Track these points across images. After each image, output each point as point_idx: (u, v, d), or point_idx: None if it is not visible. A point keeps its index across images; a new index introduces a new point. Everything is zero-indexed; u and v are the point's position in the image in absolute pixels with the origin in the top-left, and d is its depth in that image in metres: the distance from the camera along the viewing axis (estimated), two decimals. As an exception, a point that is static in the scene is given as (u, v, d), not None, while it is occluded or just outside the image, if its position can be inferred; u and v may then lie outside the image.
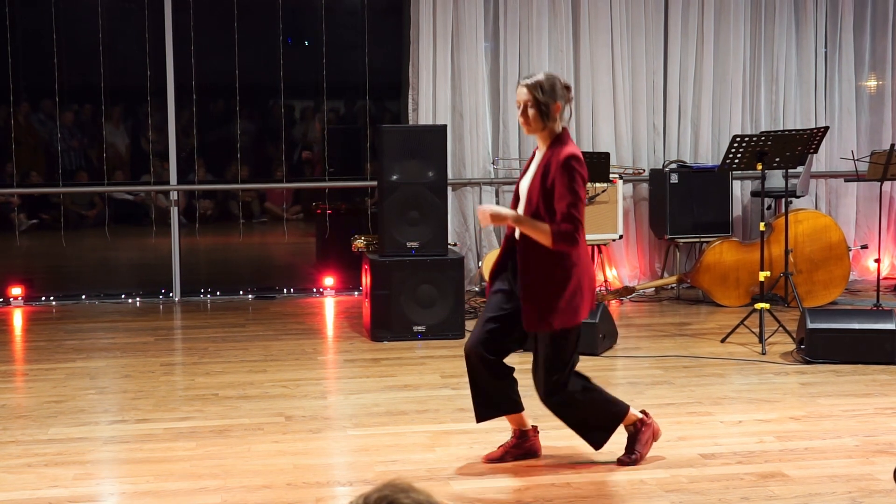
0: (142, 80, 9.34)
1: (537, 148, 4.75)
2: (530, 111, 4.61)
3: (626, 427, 4.86)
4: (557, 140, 4.63)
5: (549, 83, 4.63)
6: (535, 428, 4.98)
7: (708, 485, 4.54)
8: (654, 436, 4.89)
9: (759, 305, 7.11)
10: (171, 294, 9.31)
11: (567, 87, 4.73)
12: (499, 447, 4.94)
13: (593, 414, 4.80)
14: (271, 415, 5.66)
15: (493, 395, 4.85)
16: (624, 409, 4.81)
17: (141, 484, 4.61)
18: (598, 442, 4.81)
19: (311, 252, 10.44)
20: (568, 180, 4.49)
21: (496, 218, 4.65)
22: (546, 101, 4.60)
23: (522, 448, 4.91)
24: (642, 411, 4.91)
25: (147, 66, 9.29)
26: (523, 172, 4.79)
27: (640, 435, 4.83)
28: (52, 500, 4.43)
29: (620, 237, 9.08)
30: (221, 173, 10.67)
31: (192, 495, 4.47)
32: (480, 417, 4.89)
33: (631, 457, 4.81)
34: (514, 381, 4.90)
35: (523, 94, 4.63)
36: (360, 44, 9.56)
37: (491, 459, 4.87)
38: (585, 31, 9.32)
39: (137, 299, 9.24)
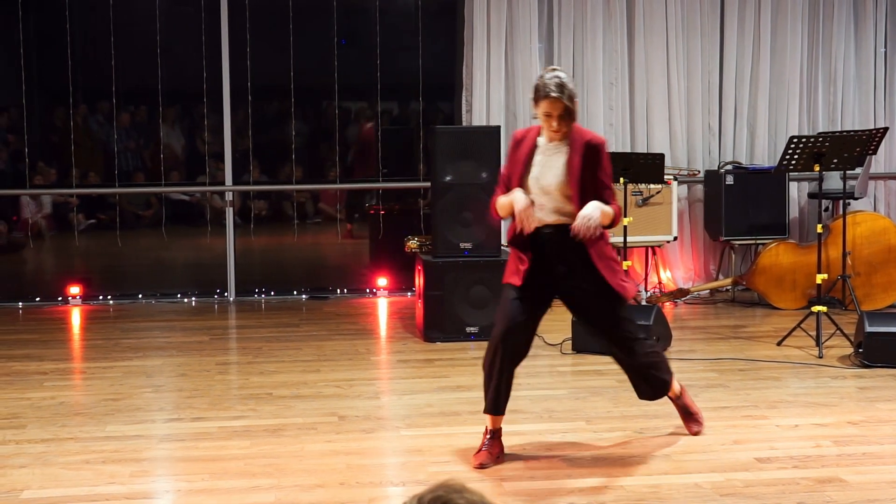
0: (198, 81, 9.43)
1: (526, 140, 4.87)
2: (564, 121, 4.74)
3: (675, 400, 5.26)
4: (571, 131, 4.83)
5: (571, 87, 4.74)
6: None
7: (763, 489, 4.50)
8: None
9: (816, 308, 7.03)
10: (225, 294, 9.39)
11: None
12: (483, 451, 4.89)
13: (660, 366, 5.09)
14: (324, 414, 5.69)
15: (508, 389, 5.00)
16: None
17: (196, 482, 4.65)
18: (655, 394, 5.12)
19: (364, 252, 10.47)
20: (606, 162, 4.83)
21: (593, 225, 4.72)
22: (574, 108, 4.75)
23: (501, 444, 4.98)
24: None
25: (203, 67, 9.38)
26: (520, 163, 4.85)
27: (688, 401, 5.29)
28: (109, 496, 4.48)
29: (675, 239, 9.02)
30: (275, 174, 10.74)
31: (245, 493, 4.50)
32: (502, 409, 4.96)
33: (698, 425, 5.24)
34: None
35: (558, 107, 4.70)
36: (413, 45, 9.57)
37: (483, 465, 4.82)
38: (640, 31, 9.27)
39: (193, 299, 9.33)
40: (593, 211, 4.73)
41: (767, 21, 9.36)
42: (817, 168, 6.94)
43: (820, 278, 7.03)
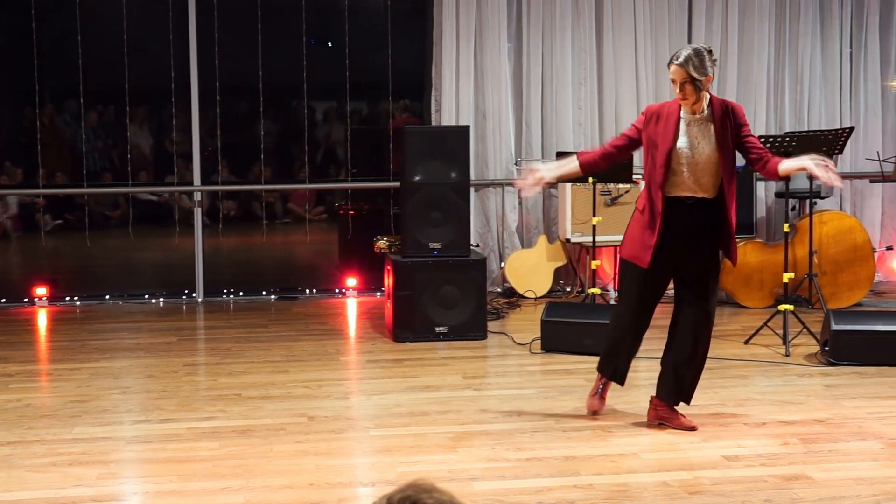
0: (166, 81, 9.37)
1: (671, 113, 5.15)
2: (687, 90, 5.05)
3: None
4: (710, 102, 5.15)
5: (699, 58, 5.04)
6: None
7: (731, 487, 4.52)
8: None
9: (783, 307, 7.08)
10: (194, 294, 9.35)
11: (710, 51, 5.14)
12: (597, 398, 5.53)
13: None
14: (294, 415, 5.67)
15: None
16: None
17: (164, 484, 4.63)
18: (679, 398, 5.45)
19: (333, 253, 10.45)
20: (745, 121, 5.19)
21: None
22: (701, 78, 5.05)
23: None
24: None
25: (171, 67, 9.33)
26: (669, 136, 5.11)
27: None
28: (76, 499, 4.45)
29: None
30: (245, 174, 10.69)
31: (214, 495, 4.48)
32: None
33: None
34: None
35: (680, 74, 5.04)
36: (383, 45, 9.56)
37: (596, 411, 5.52)
38: (609, 31, 9.30)
39: (161, 300, 9.28)
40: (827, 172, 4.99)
41: (735, 21, 9.42)
42: (784, 168, 6.98)
43: (787, 277, 7.09)
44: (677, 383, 5.36)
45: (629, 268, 5.33)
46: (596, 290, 7.75)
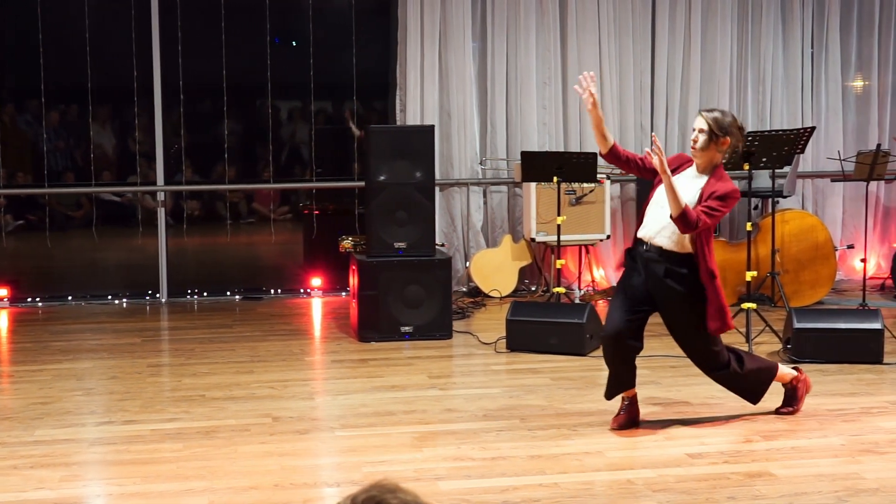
0: (129, 80, 9.31)
1: (687, 165, 5.26)
2: (702, 135, 5.15)
3: (784, 385, 5.59)
4: (716, 170, 5.19)
5: (725, 120, 5.15)
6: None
7: (695, 484, 4.55)
8: (807, 389, 5.64)
9: (745, 305, 7.12)
10: (157, 295, 9.29)
11: (741, 128, 5.27)
12: (619, 415, 5.38)
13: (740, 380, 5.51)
14: (258, 416, 5.65)
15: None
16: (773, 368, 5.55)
17: (127, 486, 4.60)
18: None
19: (298, 253, 10.42)
20: (722, 192, 5.10)
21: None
22: (718, 135, 5.14)
23: (636, 410, 5.44)
24: (795, 367, 5.71)
25: (134, 66, 9.27)
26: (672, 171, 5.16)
27: (797, 392, 5.58)
28: (38, 502, 4.41)
29: (608, 237, 9.10)
30: (209, 174, 10.63)
31: (178, 497, 4.46)
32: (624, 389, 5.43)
33: (789, 408, 5.56)
34: None
35: (701, 123, 5.16)
36: (347, 44, 9.54)
37: (620, 425, 5.33)
38: (573, 30, 9.33)
39: (124, 300, 9.22)
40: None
41: (698, 22, 9.48)
42: (747, 167, 7.04)
43: (749, 275, 7.13)
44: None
45: None
46: (561, 290, 7.78)
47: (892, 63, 9.79)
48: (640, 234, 5.35)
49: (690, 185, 5.20)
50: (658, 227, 5.23)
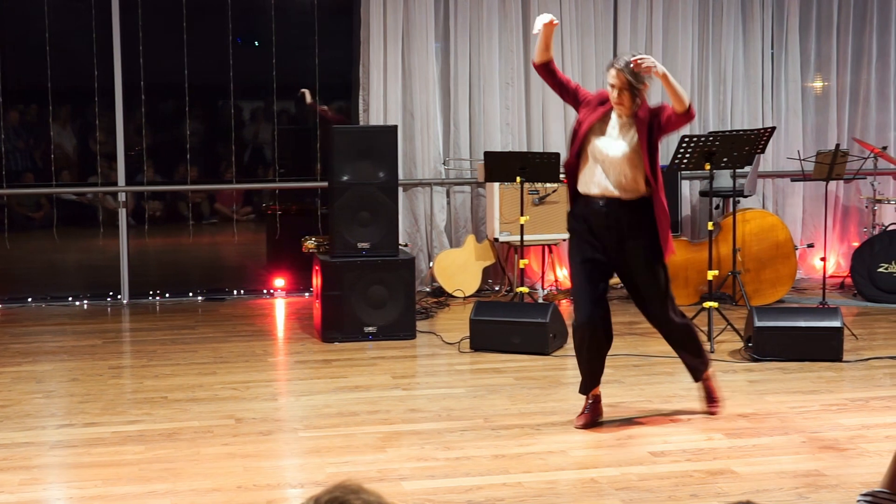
0: (89, 80, 9.23)
1: (605, 104, 5.20)
2: (623, 96, 5.13)
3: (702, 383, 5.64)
4: (640, 108, 5.23)
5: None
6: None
7: (658, 482, 4.58)
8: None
9: (707, 304, 7.17)
10: (119, 296, 9.22)
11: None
12: (584, 413, 5.38)
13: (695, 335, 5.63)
14: (221, 417, 5.63)
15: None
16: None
17: (88, 489, 4.56)
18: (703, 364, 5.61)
19: (261, 253, 10.38)
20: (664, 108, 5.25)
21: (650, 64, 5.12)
22: (638, 87, 5.16)
23: (600, 408, 5.45)
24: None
25: (95, 65, 9.19)
26: (589, 123, 5.19)
27: (711, 386, 5.65)
28: (-3, 505, 4.37)
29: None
30: (170, 174, 10.57)
31: (140, 499, 4.43)
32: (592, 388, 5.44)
33: (716, 405, 5.61)
34: None
35: (619, 79, 5.12)
36: (310, 44, 9.52)
37: (585, 424, 5.34)
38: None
39: (85, 302, 9.14)
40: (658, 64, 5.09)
41: (659, 22, 9.53)
42: (708, 167, 7.08)
43: (711, 275, 7.18)
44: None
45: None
46: (524, 289, 7.80)
47: (851, 63, 9.89)
48: (591, 192, 5.25)
49: (617, 144, 5.20)
50: (609, 182, 5.21)
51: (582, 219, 5.30)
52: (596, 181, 5.23)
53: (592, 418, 5.41)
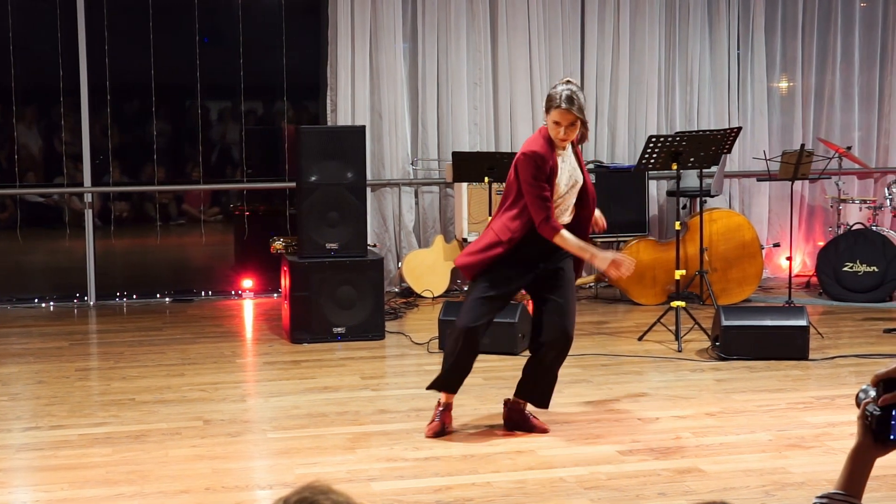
0: (55, 79, 9.17)
1: (545, 150, 5.11)
2: (570, 132, 5.08)
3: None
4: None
5: (582, 101, 5.11)
6: None
7: (626, 481, 4.60)
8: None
9: (675, 303, 7.22)
10: (85, 298, 9.16)
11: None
12: (434, 422, 5.27)
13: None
14: (189, 419, 5.60)
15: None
16: None
17: (55, 492, 4.53)
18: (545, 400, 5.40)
19: (229, 254, 10.34)
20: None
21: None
22: (585, 121, 5.16)
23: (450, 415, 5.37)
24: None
25: (60, 65, 9.13)
26: (553, 173, 5.11)
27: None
28: (-38, 509, 4.33)
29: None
30: (137, 175, 10.51)
31: (108, 502, 4.40)
32: (456, 390, 5.36)
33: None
34: None
35: (567, 118, 5.02)
36: (277, 44, 9.49)
37: (436, 433, 5.23)
38: (503, 32, 9.37)
39: (51, 304, 9.08)
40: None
41: (626, 23, 9.57)
42: (675, 166, 7.13)
43: (678, 274, 7.23)
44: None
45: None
46: (493, 289, 7.79)
47: (816, 64, 9.98)
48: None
49: (571, 170, 5.22)
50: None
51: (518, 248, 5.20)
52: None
53: (444, 426, 5.28)
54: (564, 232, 5.11)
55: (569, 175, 5.21)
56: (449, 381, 5.32)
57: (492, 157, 8.04)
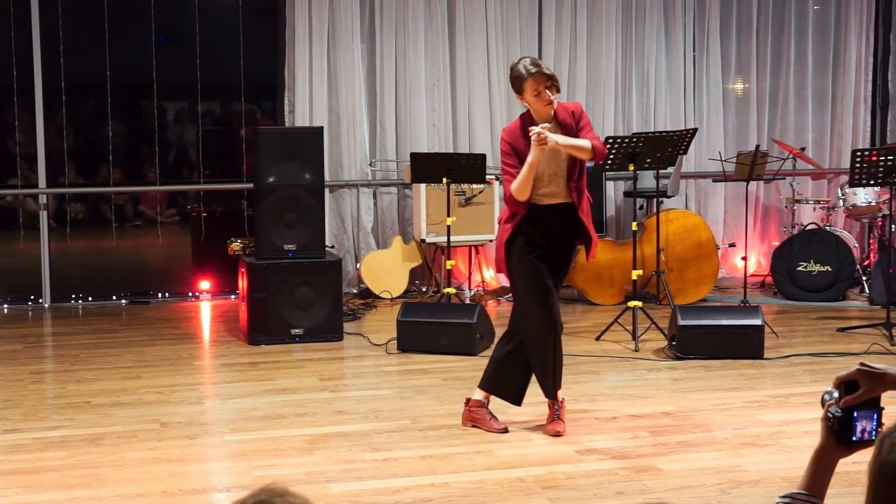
0: (8, 79, 9.07)
1: (518, 133, 5.23)
2: (552, 88, 5.21)
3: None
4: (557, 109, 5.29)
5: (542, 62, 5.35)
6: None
7: (584, 481, 4.63)
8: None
9: (632, 303, 7.26)
10: (40, 300, 9.07)
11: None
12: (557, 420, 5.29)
13: None
14: (146, 421, 5.56)
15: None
16: None
17: (10, 496, 4.48)
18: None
19: (186, 256, 10.28)
20: (586, 119, 5.34)
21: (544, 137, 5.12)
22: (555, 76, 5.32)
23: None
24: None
25: (14, 65, 9.03)
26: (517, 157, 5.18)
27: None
28: (-85, 515, 4.28)
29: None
30: (93, 176, 10.42)
31: (63, 506, 4.36)
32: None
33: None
34: None
35: (541, 80, 5.17)
36: (235, 45, 9.45)
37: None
38: (461, 32, 9.39)
39: (5, 306, 8.98)
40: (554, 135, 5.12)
41: (583, 24, 9.62)
42: (632, 167, 7.17)
43: (635, 274, 7.27)
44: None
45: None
46: (451, 290, 7.82)
47: (770, 66, 10.08)
48: (551, 202, 5.26)
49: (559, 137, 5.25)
50: (560, 189, 5.27)
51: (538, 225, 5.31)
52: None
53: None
54: (512, 185, 5.20)
55: (546, 155, 5.21)
56: (558, 377, 5.35)
57: (450, 157, 8.05)
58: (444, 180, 7.76)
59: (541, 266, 5.22)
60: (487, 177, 8.54)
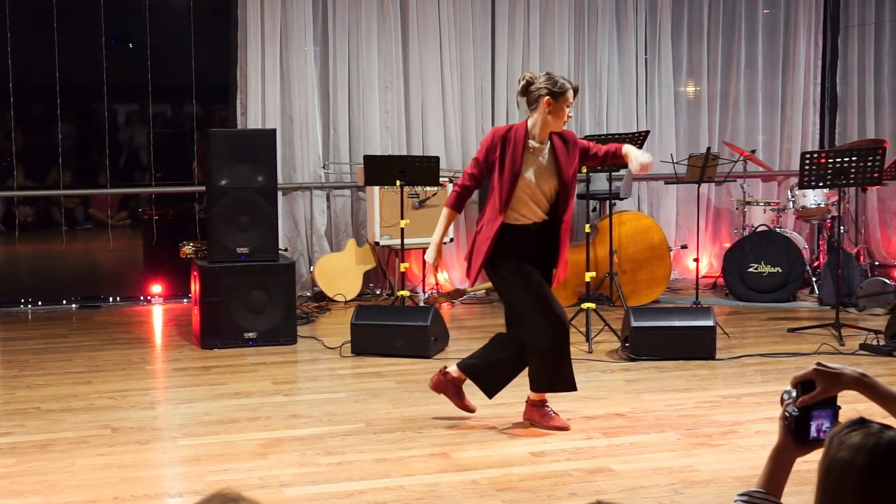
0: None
1: (513, 138, 5.26)
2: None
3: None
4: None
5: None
6: None
7: (538, 482, 4.64)
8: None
9: (585, 305, 7.29)
10: (-12, 305, 8.95)
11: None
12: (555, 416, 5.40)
13: None
14: (97, 427, 5.51)
15: None
16: None
17: (-43, 504, 4.42)
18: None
19: (138, 259, 10.19)
20: (582, 143, 5.49)
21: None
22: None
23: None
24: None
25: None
26: (517, 163, 5.22)
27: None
28: None
29: (451, 240, 9.17)
30: (42, 179, 10.30)
31: (13, 513, 4.31)
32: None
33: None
34: None
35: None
36: (186, 46, 9.38)
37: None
38: (414, 35, 9.39)
39: (-48, 311, 8.85)
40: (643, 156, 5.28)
41: (536, 27, 9.65)
42: (584, 170, 7.20)
43: (589, 276, 7.31)
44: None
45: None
46: (405, 293, 7.81)
47: (721, 69, 10.17)
48: (525, 223, 5.32)
49: (548, 163, 5.29)
50: (543, 211, 5.32)
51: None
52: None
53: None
54: (445, 210, 5.37)
55: (538, 165, 5.26)
56: (572, 376, 5.38)
57: (403, 160, 8.05)
58: (398, 183, 7.76)
59: (533, 270, 5.29)
60: (441, 179, 8.54)
